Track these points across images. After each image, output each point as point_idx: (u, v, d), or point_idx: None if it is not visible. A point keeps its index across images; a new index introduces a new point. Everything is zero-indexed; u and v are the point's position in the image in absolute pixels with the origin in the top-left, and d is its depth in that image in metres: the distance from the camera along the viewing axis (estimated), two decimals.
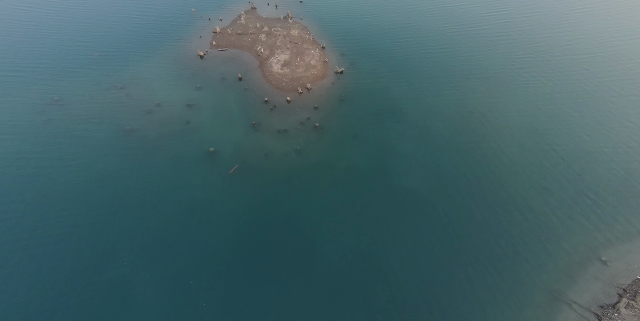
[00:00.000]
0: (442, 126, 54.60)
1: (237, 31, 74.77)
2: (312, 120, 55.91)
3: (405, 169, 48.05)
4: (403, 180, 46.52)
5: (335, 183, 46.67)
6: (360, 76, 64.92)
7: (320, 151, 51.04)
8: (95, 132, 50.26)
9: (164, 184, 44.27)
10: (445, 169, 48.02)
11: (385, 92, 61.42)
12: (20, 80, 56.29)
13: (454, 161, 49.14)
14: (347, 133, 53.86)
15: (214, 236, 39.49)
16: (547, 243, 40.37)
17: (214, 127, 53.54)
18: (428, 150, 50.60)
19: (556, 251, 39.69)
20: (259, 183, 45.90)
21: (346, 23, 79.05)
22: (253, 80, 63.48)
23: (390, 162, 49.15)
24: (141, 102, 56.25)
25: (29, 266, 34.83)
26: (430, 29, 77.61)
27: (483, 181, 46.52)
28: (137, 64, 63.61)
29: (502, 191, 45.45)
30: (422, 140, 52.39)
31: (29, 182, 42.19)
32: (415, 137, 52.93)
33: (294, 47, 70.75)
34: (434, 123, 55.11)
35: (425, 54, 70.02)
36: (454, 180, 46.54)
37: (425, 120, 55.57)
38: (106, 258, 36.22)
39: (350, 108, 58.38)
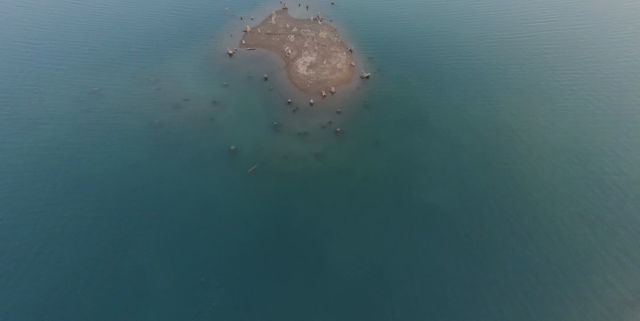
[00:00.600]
0: (470, 140, 51.61)
1: (267, 31, 75.61)
2: (333, 124, 55.09)
3: (427, 183, 45.88)
4: (424, 195, 44.43)
5: (353, 191, 45.53)
6: (387, 82, 63.13)
7: (339, 157, 50.12)
8: (127, 123, 52.75)
9: (185, 179, 45.45)
10: (471, 187, 45.27)
11: (412, 100, 59.22)
12: (67, 71, 60.46)
13: (481, 179, 46.21)
14: (369, 141, 52.46)
15: (228, 235, 39.87)
16: (591, 276, 36.54)
17: (237, 126, 54.30)
18: (453, 165, 47.99)
19: (601, 287, 35.78)
20: (275, 185, 45.83)
21: (377, 27, 77.38)
22: (278, 81, 63.78)
23: (412, 174, 47.18)
24: (171, 97, 58.33)
25: (53, 250, 36.94)
26: (466, 36, 74.00)
27: (513, 204, 43.23)
28: (170, 59, 66.14)
29: (535, 217, 41.97)
30: (448, 153, 49.80)
31: (65, 169, 44.97)
32: (440, 149, 50.45)
33: (322, 49, 70.29)
34: (462, 136, 52.23)
35: (458, 62, 66.78)
36: (480, 200, 43.72)
37: (452, 133, 52.82)
38: (126, 247, 37.72)
39: (373, 114, 56.88)
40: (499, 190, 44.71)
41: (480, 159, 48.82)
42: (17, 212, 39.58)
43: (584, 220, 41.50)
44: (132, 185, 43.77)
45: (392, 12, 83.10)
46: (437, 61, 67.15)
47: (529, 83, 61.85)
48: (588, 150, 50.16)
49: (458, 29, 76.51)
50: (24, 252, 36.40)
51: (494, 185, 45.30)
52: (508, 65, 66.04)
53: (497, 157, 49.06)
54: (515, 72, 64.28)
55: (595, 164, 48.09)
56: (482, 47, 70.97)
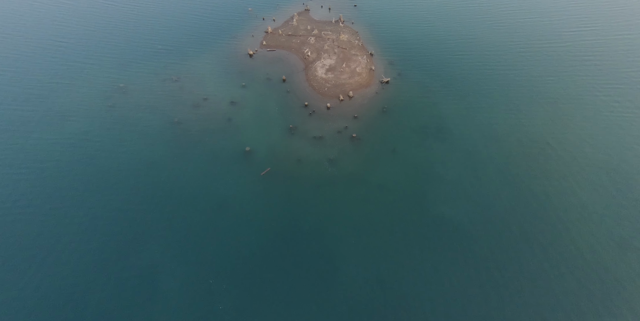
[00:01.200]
0: (495, 153, 48.97)
1: (288, 32, 75.63)
2: (349, 129, 54.11)
3: (446, 196, 43.95)
4: (442, 208, 42.57)
5: (366, 200, 44.42)
6: (407, 88, 61.29)
7: (354, 163, 49.10)
8: (148, 120, 54.30)
9: (200, 178, 46.09)
10: (494, 203, 42.84)
11: (433, 107, 57.12)
12: (96, 68, 63.21)
13: (506, 195, 43.61)
14: (385, 148, 51.07)
15: (238, 237, 39.96)
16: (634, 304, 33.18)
17: (253, 127, 54.53)
18: (475, 178, 45.69)
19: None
20: (288, 189, 45.52)
21: (399, 30, 75.43)
22: (296, 83, 63.53)
23: (429, 185, 45.38)
24: (191, 96, 59.52)
25: (67, 246, 38.36)
26: (495, 43, 70.43)
27: (541, 225, 40.28)
28: (193, 58, 67.57)
29: (568, 241, 38.65)
30: (470, 165, 47.50)
31: (85, 165, 46.81)
32: (461, 161, 48.22)
33: (341, 52, 69.37)
34: (486, 148, 49.66)
35: (486, 70, 63.68)
36: (504, 217, 41.21)
37: (475, 144, 50.36)
38: (138, 244, 38.66)
39: (391, 121, 55.36)
40: (525, 209, 41.99)
41: (504, 174, 46.19)
42: (35, 207, 41.37)
43: (628, 247, 38.05)
44: (148, 183, 44.87)
45: (416, 16, 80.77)
46: (462, 68, 64.45)
47: (566, 96, 57.77)
48: (633, 169, 46.20)
49: (487, 34, 73.05)
50: (39, 247, 37.89)
51: (519, 203, 42.59)
52: (542, 75, 62.09)
53: (524, 173, 46.22)
54: (551, 83, 60.29)
55: (638, 183, 44.26)
56: (514, 55, 67.22)
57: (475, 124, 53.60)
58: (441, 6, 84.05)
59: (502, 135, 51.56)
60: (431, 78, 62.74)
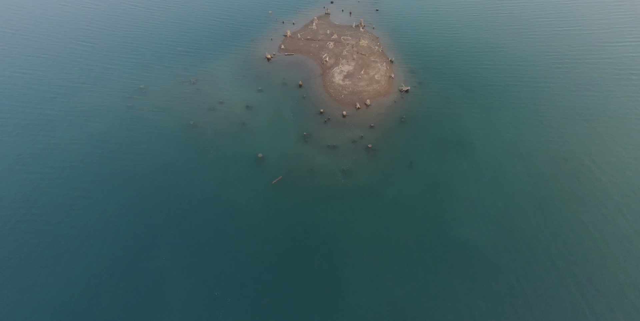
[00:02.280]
0: (522, 172, 45.59)
1: (307, 36, 74.75)
2: (365, 139, 52.28)
3: (466, 216, 41.22)
4: (461, 229, 39.91)
5: (380, 215, 42.46)
6: (428, 98, 58.67)
7: (368, 175, 47.25)
8: (164, 122, 54.85)
9: (211, 184, 45.79)
10: (521, 228, 39.61)
11: (455, 119, 54.22)
12: (119, 69, 64.84)
13: (535, 220, 40.25)
14: (402, 161, 48.86)
15: (246, 248, 39.15)
16: None
17: (266, 133, 53.84)
18: (499, 199, 42.62)
19: None
20: (299, 199, 44.34)
21: (422, 37, 72.71)
22: (312, 89, 62.40)
23: (448, 203, 42.79)
24: (207, 98, 59.72)
25: (76, 251, 38.57)
26: (527, 53, 66.15)
27: (576, 256, 36.48)
28: (211, 60, 68.02)
29: (607, 276, 34.86)
30: (493, 184, 44.43)
31: (101, 167, 47.50)
32: (484, 178, 45.23)
33: (360, 59, 67.61)
34: (513, 166, 46.36)
35: (515, 82, 59.85)
36: (532, 245, 37.83)
37: (500, 161, 47.16)
38: (147, 250, 38.58)
39: (410, 132, 53.02)
40: (557, 237, 38.35)
41: (532, 195, 42.75)
42: (48, 208, 42.02)
43: None
44: (161, 187, 44.98)
45: (441, 22, 77.60)
46: (488, 79, 60.96)
47: (607, 113, 52.97)
48: None
49: (518, 44, 68.74)
50: (47, 251, 38.24)
51: (550, 230, 38.99)
52: (580, 90, 57.31)
53: (555, 196, 42.58)
54: (590, 98, 55.51)
55: None
56: (548, 67, 62.65)
57: (500, 139, 50.29)
58: (469, 13, 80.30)
59: (530, 152, 48.02)
60: (454, 88, 59.76)
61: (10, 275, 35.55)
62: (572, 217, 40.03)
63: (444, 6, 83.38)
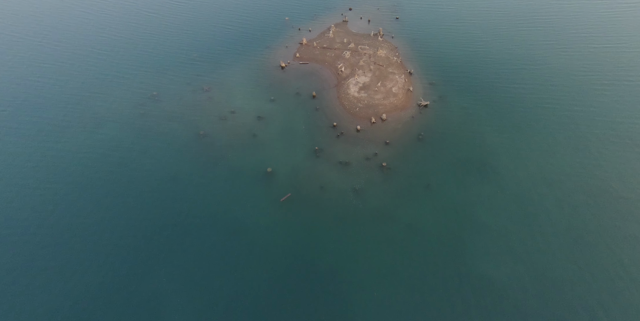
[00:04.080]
0: (553, 202, 41.60)
1: (323, 45, 72.86)
2: (379, 157, 49.61)
3: (489, 249, 37.79)
4: (484, 264, 36.53)
5: (393, 241, 39.72)
6: (449, 114, 55.29)
7: (381, 196, 44.56)
8: (175, 131, 54.22)
9: (218, 199, 44.44)
10: (552, 269, 35.61)
11: (478, 139, 50.63)
12: (134, 74, 65.14)
13: (569, 260, 36.05)
14: (419, 182, 45.86)
15: (250, 271, 37.38)
16: None
17: (277, 146, 52.15)
18: (527, 232, 38.88)
19: None
20: (307, 219, 42.23)
21: (444, 48, 69.18)
22: (326, 100, 60.33)
23: (469, 233, 39.47)
24: (219, 107, 58.78)
25: (77, 267, 37.63)
26: (563, 71, 60.90)
27: (620, 306, 32.08)
28: (225, 68, 67.24)
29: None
30: (520, 214, 40.67)
31: (110, 175, 47.14)
32: (509, 207, 41.56)
33: (377, 70, 64.96)
34: (542, 195, 42.41)
35: (547, 101, 55.22)
36: (566, 291, 33.80)
37: (528, 188, 43.27)
38: (149, 268, 37.50)
39: (428, 151, 49.89)
40: (597, 282, 33.99)
41: (566, 231, 38.66)
42: (57, 217, 41.48)
43: None
44: (166, 200, 43.94)
45: (465, 32, 73.62)
46: (517, 96, 56.73)
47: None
48: None
49: (552, 60, 63.45)
50: (47, 266, 37.33)
51: (588, 273, 34.67)
52: (623, 115, 51.85)
53: (593, 233, 38.26)
54: (635, 125, 50.18)
55: None
56: (586, 87, 57.14)
57: (528, 163, 46.31)
58: (498, 24, 75.42)
59: (563, 180, 43.81)
60: (478, 105, 56.04)
61: (6, 295, 35.04)
62: (613, 259, 35.74)
63: (470, 16, 79.25)
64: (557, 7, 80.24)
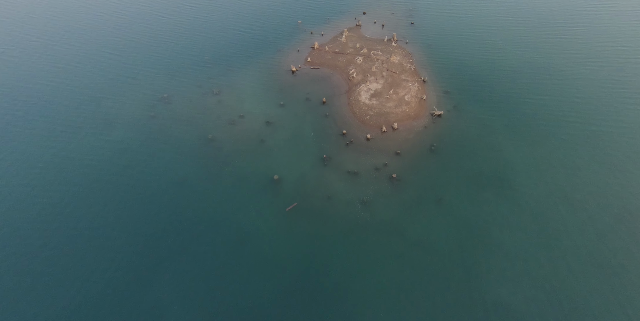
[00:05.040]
0: (576, 224, 39.07)
1: (335, 49, 71.77)
2: (389, 168, 48.04)
3: (505, 272, 35.70)
4: (499, 289, 34.49)
5: (401, 257, 38.15)
6: (464, 125, 53.21)
7: (390, 209, 43.00)
8: (184, 134, 54.06)
9: (223, 206, 43.82)
10: (574, 294, 33.35)
11: (494, 152, 48.43)
12: (146, 75, 65.54)
13: (594, 291, 33.45)
14: (430, 196, 44.09)
15: (253, 283, 36.48)
16: None
17: (285, 152, 51.27)
18: (546, 257, 36.56)
19: None
20: (313, 231, 41.10)
21: (460, 55, 66.98)
22: (336, 107, 59.15)
23: (483, 253, 37.48)
24: (228, 111, 58.40)
25: (78, 274, 37.01)
26: (591, 85, 57.21)
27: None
28: (236, 71, 66.98)
29: None
30: (539, 237, 38.34)
31: (121, 175, 47.18)
32: (527, 227, 39.27)
33: (390, 77, 63.36)
34: (564, 216, 39.94)
35: (572, 117, 52.07)
36: (590, 316, 31.54)
37: (548, 208, 40.86)
38: (151, 277, 37.02)
39: (440, 163, 48.03)
40: (626, 312, 31.59)
41: (589, 254, 36.16)
42: (56, 223, 41.10)
43: None
44: (170, 206, 43.51)
45: (483, 39, 71.10)
46: (538, 108, 54.04)
47: None
48: None
49: (579, 72, 59.77)
50: (48, 271, 36.84)
51: (615, 301, 32.23)
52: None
53: (624, 261, 35.34)
54: None
55: None
56: (617, 103, 53.51)
57: (549, 182, 43.77)
58: (519, 31, 72.15)
59: (587, 201, 41.13)
60: (495, 116, 53.72)
61: (4, 305, 34.69)
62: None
63: (489, 22, 76.51)
64: (584, 16, 76.65)
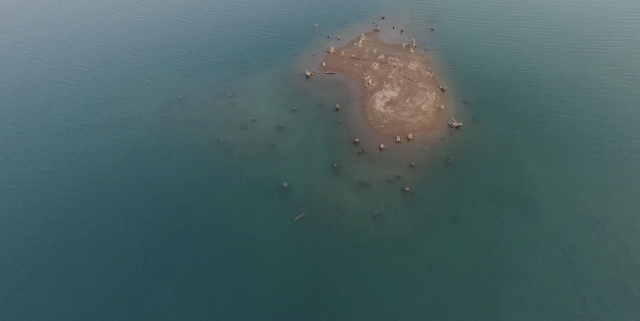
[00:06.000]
0: (609, 256, 35.84)
1: (351, 55, 70.43)
2: (403, 180, 46.19)
3: (523, 301, 33.22)
4: (515, 318, 32.07)
5: (412, 277, 36.29)
6: (484, 138, 50.63)
7: (402, 225, 41.19)
8: (196, 137, 54.11)
9: (230, 212, 43.28)
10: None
11: (516, 168, 45.69)
12: (163, 76, 66.33)
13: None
14: (444, 212, 41.97)
15: (257, 293, 35.60)
16: None
17: (295, 159, 50.33)
18: (574, 288, 33.71)
19: None
20: (321, 243, 39.86)
21: (483, 64, 64.11)
22: (350, 114, 57.76)
23: (501, 279, 35.08)
24: (241, 115, 58.11)
25: (76, 280, 36.81)
26: (625, 102, 53.21)
27: None
28: (250, 74, 66.79)
29: None
30: (566, 264, 35.41)
31: (134, 175, 47.52)
32: (552, 254, 36.49)
33: (407, 84, 61.37)
34: (595, 245, 36.68)
35: (607, 136, 48.26)
36: None
37: (577, 233, 37.85)
38: (153, 283, 36.57)
39: (457, 177, 45.75)
40: None
41: (625, 290, 32.94)
42: (65, 225, 41.32)
43: None
44: (178, 211, 43.20)
45: (508, 48, 67.71)
46: (565, 125, 50.56)
47: None
48: None
49: (613, 88, 55.42)
50: (53, 273, 36.84)
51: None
52: None
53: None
54: None
55: None
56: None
57: (576, 204, 40.65)
58: (549, 42, 67.84)
59: (621, 230, 37.81)
60: (518, 130, 50.79)
61: (5, 307, 34.88)
62: None
63: (516, 31, 72.60)
64: (620, 28, 71.67)
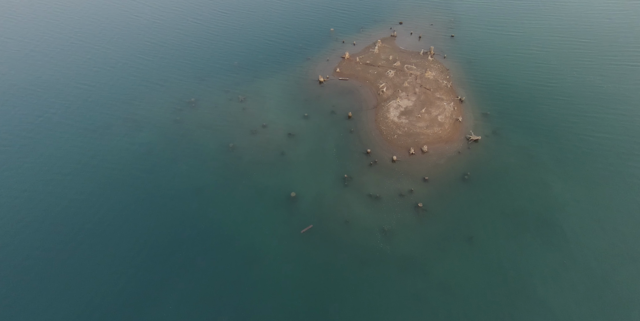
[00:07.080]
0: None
1: (366, 61, 68.86)
2: (415, 195, 44.25)
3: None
4: None
5: (421, 300, 34.41)
6: (504, 153, 47.98)
7: (413, 243, 39.32)
8: (206, 141, 53.91)
9: (237, 220, 42.59)
10: None
11: (539, 188, 42.90)
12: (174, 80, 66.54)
13: None
14: (459, 232, 39.79)
15: (260, 306, 34.60)
16: None
17: (304, 168, 49.24)
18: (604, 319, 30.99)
19: None
20: (327, 257, 38.55)
21: (506, 74, 61.12)
22: (362, 123, 56.20)
23: (521, 310, 32.73)
24: (252, 120, 57.60)
25: (80, 285, 36.62)
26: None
27: None
28: (263, 78, 66.32)
29: None
30: (597, 300, 32.50)
31: (145, 179, 47.64)
32: (581, 287, 33.67)
33: (423, 94, 59.23)
34: (631, 278, 33.57)
35: (637, 149, 45.30)
36: None
37: (614, 266, 34.68)
38: (155, 293, 36.05)
39: (474, 195, 43.41)
40: None
41: None
42: (74, 230, 41.36)
43: None
44: (184, 218, 42.81)
45: (534, 59, 64.22)
46: (597, 145, 47.06)
47: None
48: None
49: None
50: (54, 284, 36.34)
51: None
52: None
53: None
54: None
55: None
56: None
57: (608, 231, 37.51)
58: (580, 54, 63.55)
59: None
60: (542, 146, 47.80)
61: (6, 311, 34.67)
62: None
63: (543, 41, 68.66)
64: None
